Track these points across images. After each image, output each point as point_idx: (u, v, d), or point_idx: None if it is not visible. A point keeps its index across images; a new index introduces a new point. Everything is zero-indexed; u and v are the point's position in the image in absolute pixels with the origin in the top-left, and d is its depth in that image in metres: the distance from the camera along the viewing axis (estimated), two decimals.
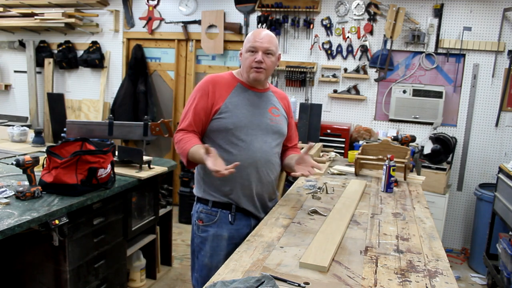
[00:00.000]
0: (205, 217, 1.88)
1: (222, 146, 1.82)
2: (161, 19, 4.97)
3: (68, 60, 5.27)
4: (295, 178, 2.57)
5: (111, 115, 2.88)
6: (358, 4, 4.27)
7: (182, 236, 4.21)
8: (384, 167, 2.27)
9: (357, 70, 4.34)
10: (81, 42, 5.31)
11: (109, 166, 2.38)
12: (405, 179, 2.55)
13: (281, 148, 2.02)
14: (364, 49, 4.29)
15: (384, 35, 4.20)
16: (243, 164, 1.79)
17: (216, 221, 1.86)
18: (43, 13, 5.03)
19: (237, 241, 1.60)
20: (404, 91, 4.17)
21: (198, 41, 4.87)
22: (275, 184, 2.01)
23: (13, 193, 2.15)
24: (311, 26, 4.39)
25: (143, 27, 5.05)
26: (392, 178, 2.27)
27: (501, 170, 3.38)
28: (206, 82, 1.86)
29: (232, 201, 1.86)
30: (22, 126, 3.96)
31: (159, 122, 2.87)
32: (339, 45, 4.39)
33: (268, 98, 1.96)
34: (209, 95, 1.83)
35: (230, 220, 1.86)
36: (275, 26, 4.44)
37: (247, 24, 4.62)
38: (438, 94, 4.07)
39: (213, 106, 1.82)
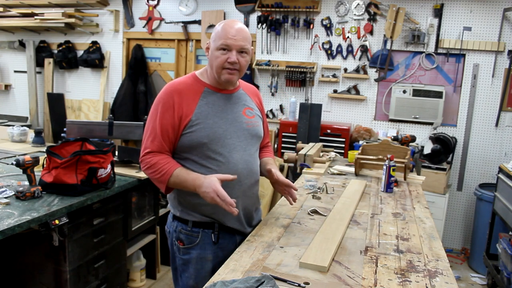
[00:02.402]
0: (185, 238, 1.69)
1: (198, 162, 1.63)
2: (161, 19, 4.97)
3: (68, 60, 5.28)
4: (295, 178, 2.57)
5: (111, 115, 2.88)
6: (358, 4, 4.27)
7: None
8: (384, 167, 2.27)
9: (357, 70, 4.34)
10: (81, 42, 5.32)
11: (109, 166, 2.38)
12: (405, 179, 2.55)
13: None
14: (364, 49, 4.29)
15: (384, 35, 4.20)
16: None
17: (199, 243, 1.67)
18: (43, 13, 5.03)
19: (222, 259, 1.45)
20: (404, 91, 4.17)
21: (198, 41, 4.87)
22: (258, 192, 1.87)
23: (13, 193, 2.15)
24: (311, 26, 4.39)
25: (143, 27, 5.05)
26: (392, 178, 2.27)
27: (501, 170, 3.38)
28: (169, 93, 1.63)
29: (215, 220, 1.68)
30: (22, 126, 3.97)
31: None
32: (339, 45, 4.38)
33: (240, 98, 1.75)
34: (174, 108, 1.60)
35: (213, 239, 1.67)
36: (275, 26, 4.44)
37: (247, 24, 4.62)
38: (438, 94, 4.07)
39: (182, 120, 1.60)
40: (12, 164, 2.21)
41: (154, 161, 1.62)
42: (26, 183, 2.18)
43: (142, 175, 2.71)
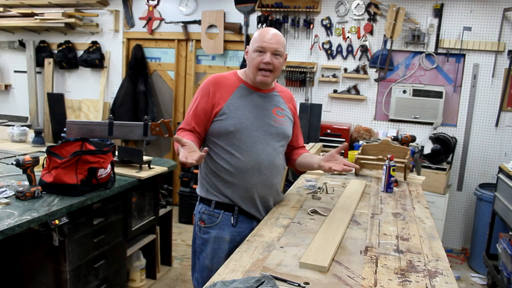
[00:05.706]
0: (207, 218, 1.85)
1: (224, 148, 1.80)
2: (161, 19, 4.97)
3: (68, 60, 5.27)
4: (295, 178, 2.57)
5: (111, 115, 2.87)
6: (358, 4, 4.27)
7: (182, 236, 4.20)
8: (384, 167, 2.27)
9: (357, 70, 4.34)
10: (81, 42, 5.31)
11: (109, 166, 2.38)
12: (405, 179, 2.55)
13: (285, 150, 1.97)
14: (364, 49, 4.29)
15: (384, 35, 4.20)
16: (245, 166, 1.78)
17: (218, 223, 1.83)
18: (43, 13, 5.03)
19: (239, 243, 1.57)
20: (404, 91, 4.17)
21: (198, 41, 4.87)
22: (280, 187, 1.97)
23: (13, 193, 2.15)
24: (311, 26, 4.39)
25: (143, 27, 5.04)
26: (392, 178, 2.27)
27: (501, 170, 3.38)
28: (207, 83, 1.84)
29: (234, 203, 1.83)
30: (22, 126, 3.97)
31: (159, 122, 2.87)
32: (339, 45, 4.38)
33: (272, 98, 1.92)
34: (209, 96, 1.80)
35: (232, 222, 1.83)
36: (275, 26, 4.43)
37: (247, 24, 4.62)
38: (438, 94, 4.07)
39: (214, 108, 1.79)
40: (12, 164, 2.21)
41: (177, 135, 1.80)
42: (26, 183, 2.18)
43: (142, 175, 2.71)
